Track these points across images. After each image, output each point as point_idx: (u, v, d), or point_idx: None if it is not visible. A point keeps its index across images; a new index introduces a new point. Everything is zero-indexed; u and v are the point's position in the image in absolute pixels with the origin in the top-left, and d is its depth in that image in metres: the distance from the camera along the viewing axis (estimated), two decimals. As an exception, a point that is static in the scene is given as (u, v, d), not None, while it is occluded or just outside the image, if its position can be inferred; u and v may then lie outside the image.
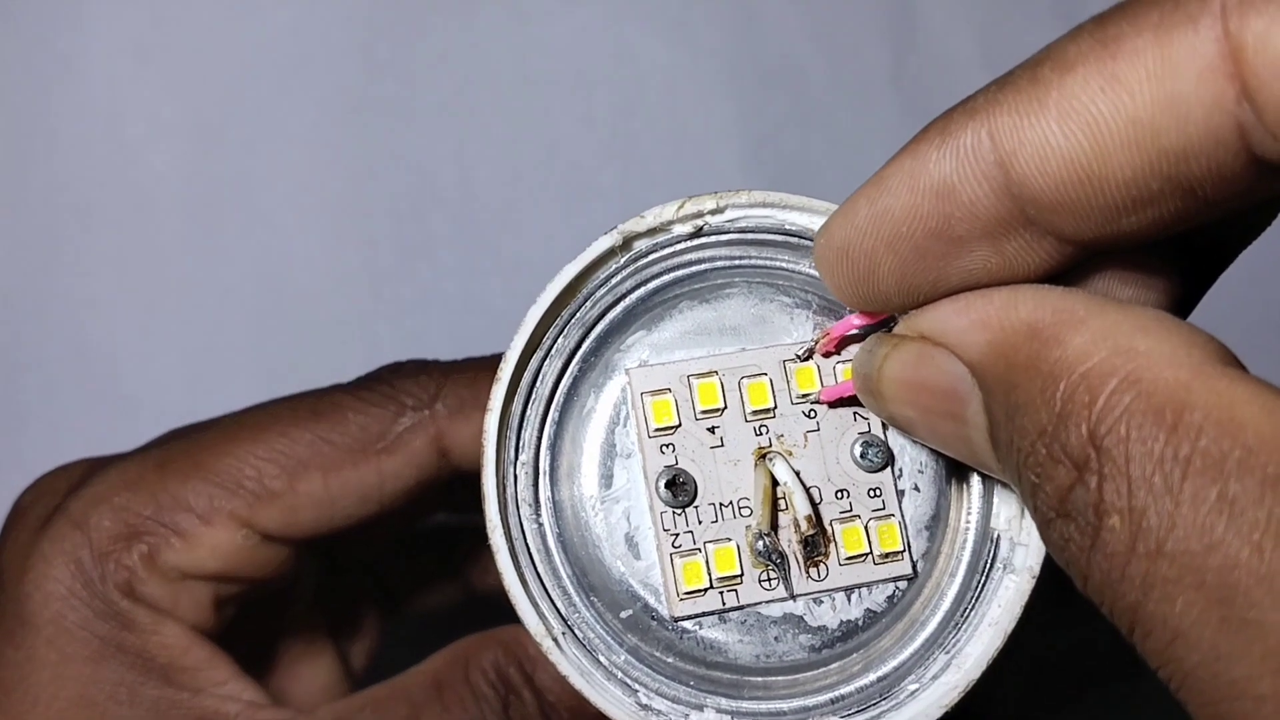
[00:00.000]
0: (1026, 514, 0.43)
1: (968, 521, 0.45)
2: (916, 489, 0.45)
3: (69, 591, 0.55)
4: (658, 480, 0.44)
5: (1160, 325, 0.32)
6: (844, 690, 0.44)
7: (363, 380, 0.60)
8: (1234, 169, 0.31)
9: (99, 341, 0.87)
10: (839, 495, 0.44)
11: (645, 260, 0.46)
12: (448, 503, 0.65)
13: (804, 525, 0.43)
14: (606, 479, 0.45)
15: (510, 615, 0.61)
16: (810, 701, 0.44)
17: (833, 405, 0.45)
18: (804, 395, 0.45)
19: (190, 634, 0.56)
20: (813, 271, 0.46)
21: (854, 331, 0.44)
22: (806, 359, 0.45)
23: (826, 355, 0.45)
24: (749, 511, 0.44)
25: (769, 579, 0.44)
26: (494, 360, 0.59)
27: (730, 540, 0.44)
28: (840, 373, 0.45)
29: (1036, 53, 0.34)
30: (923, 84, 0.94)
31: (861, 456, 0.45)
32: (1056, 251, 0.36)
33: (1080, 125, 0.32)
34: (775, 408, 0.45)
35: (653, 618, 0.44)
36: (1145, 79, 0.31)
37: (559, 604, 0.44)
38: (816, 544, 0.44)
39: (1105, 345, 0.32)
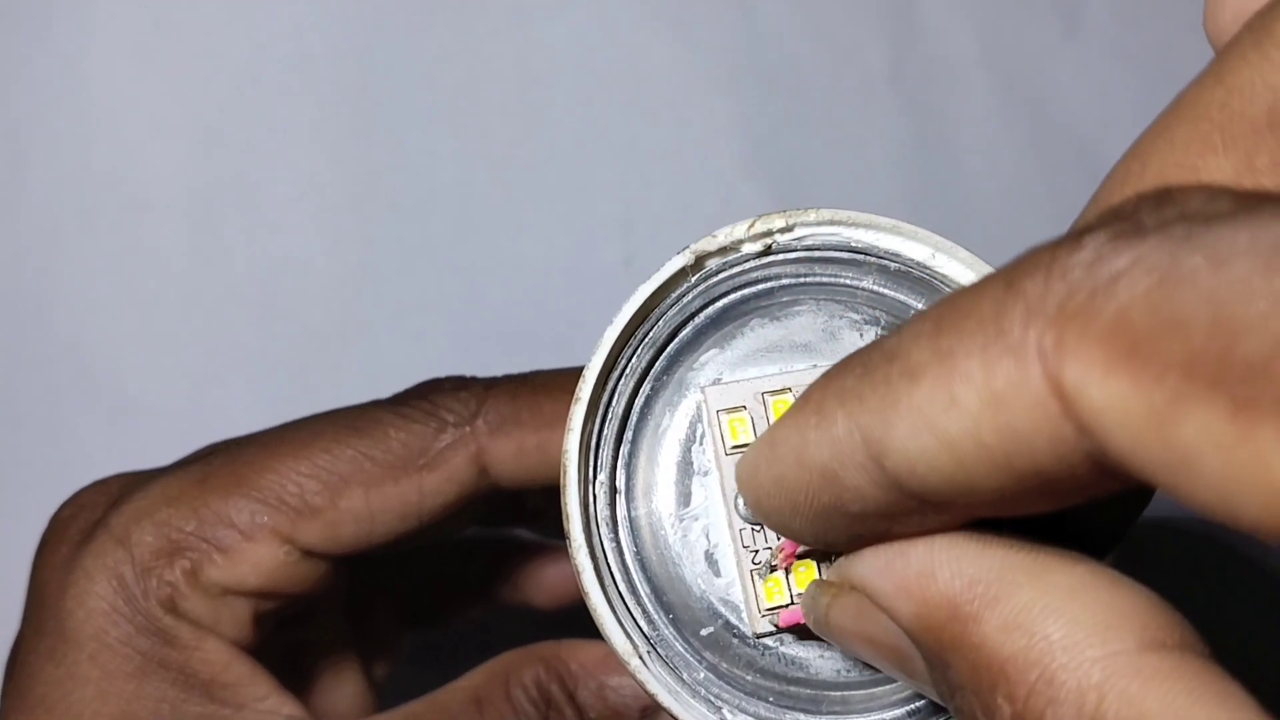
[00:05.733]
0: None
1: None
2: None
3: (111, 608, 0.55)
4: (736, 498, 0.44)
5: (1075, 602, 0.31)
6: (919, 703, 0.44)
7: (402, 396, 0.60)
8: (1097, 480, 0.29)
9: (99, 342, 0.86)
10: (913, 509, 0.45)
11: (715, 279, 0.47)
12: (477, 517, 0.66)
13: (880, 540, 0.44)
14: (684, 497, 0.45)
15: (542, 629, 0.62)
16: (887, 715, 0.44)
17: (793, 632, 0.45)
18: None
19: (231, 650, 0.56)
20: (875, 288, 0.47)
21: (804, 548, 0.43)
22: (770, 573, 0.44)
23: (787, 569, 0.44)
24: (827, 527, 0.44)
25: (848, 594, 0.44)
26: (532, 377, 0.60)
27: (809, 555, 0.44)
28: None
29: (889, 337, 0.33)
30: (923, 84, 0.94)
31: (934, 471, 0.45)
32: (956, 520, 0.35)
33: (934, 439, 0.30)
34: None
35: (734, 635, 0.45)
36: (982, 408, 0.29)
37: (640, 623, 0.44)
38: (893, 558, 0.44)
39: (1020, 635, 0.31)
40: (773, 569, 0.44)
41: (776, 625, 0.44)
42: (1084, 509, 0.35)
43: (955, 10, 0.95)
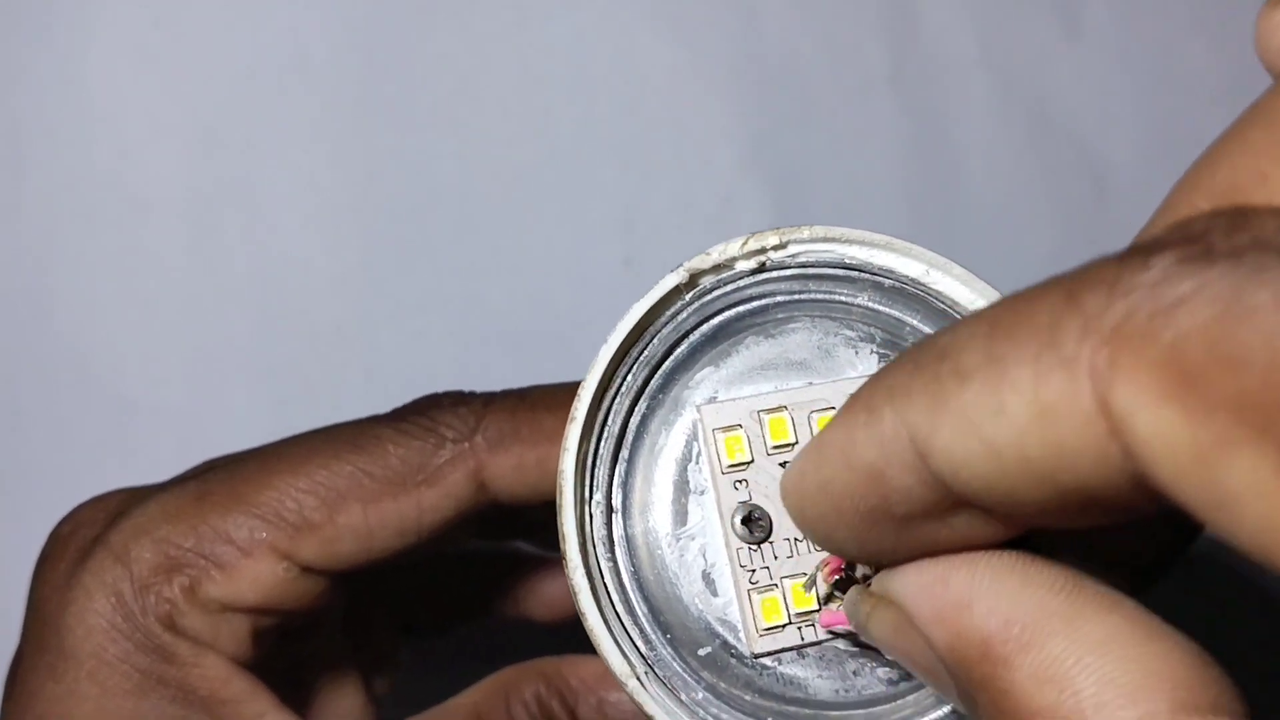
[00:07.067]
0: None
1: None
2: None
3: (110, 625, 0.55)
4: (733, 516, 0.44)
5: (1108, 656, 0.31)
6: None
7: (400, 412, 0.60)
8: (1141, 502, 0.29)
9: (99, 342, 0.86)
10: (910, 526, 0.45)
11: (709, 297, 0.47)
12: (477, 531, 0.65)
13: (877, 558, 0.44)
14: (681, 516, 0.45)
15: (541, 643, 0.62)
16: None
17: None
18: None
19: (230, 666, 0.56)
20: (871, 304, 0.47)
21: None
22: (810, 588, 0.44)
23: (837, 586, 0.44)
24: (824, 546, 0.44)
25: (846, 613, 0.44)
26: (532, 393, 0.60)
27: (806, 575, 0.44)
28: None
29: (942, 333, 0.32)
30: (923, 84, 0.94)
31: (930, 487, 0.45)
32: (1005, 525, 0.34)
33: (980, 444, 0.30)
34: (846, 441, 0.45)
35: (732, 655, 0.45)
36: (1030, 419, 0.29)
37: (638, 643, 0.44)
38: (890, 576, 0.44)
39: (1050, 689, 0.31)
40: (814, 585, 0.44)
41: (811, 631, 0.44)
42: (1133, 533, 0.35)
43: (955, 10, 0.95)
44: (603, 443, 0.46)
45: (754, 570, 0.44)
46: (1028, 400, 0.29)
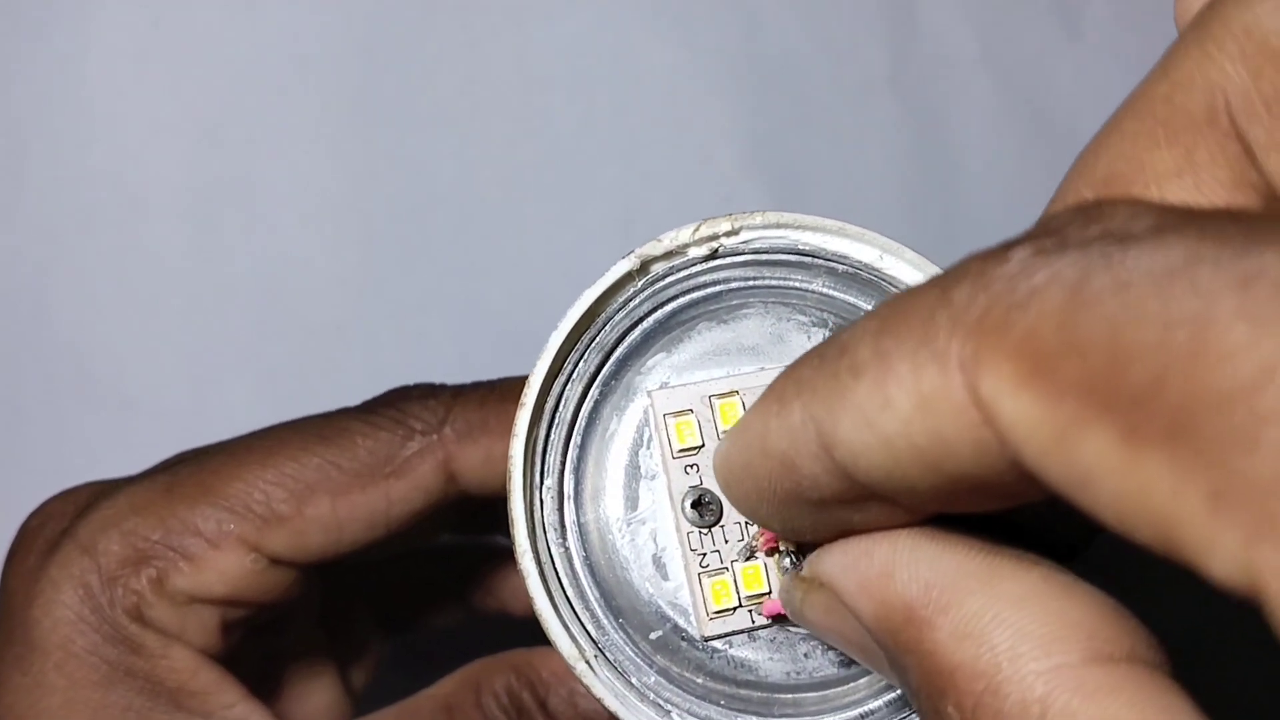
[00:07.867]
0: None
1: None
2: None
3: (77, 616, 0.55)
4: (683, 501, 0.44)
5: (1024, 611, 0.32)
6: (872, 705, 0.44)
7: (370, 404, 0.60)
8: (1026, 486, 0.29)
9: (99, 342, 0.87)
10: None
11: (662, 283, 0.47)
12: (452, 525, 0.65)
13: (828, 542, 0.44)
14: (632, 501, 0.45)
15: (518, 637, 0.62)
16: (839, 717, 0.44)
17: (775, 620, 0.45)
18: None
19: (198, 658, 0.56)
20: (826, 290, 0.48)
21: None
22: (749, 558, 0.45)
23: (769, 554, 0.44)
24: (773, 529, 0.44)
25: (796, 597, 0.44)
26: (500, 384, 0.60)
27: (757, 558, 0.44)
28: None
29: (845, 329, 0.33)
30: (923, 84, 0.94)
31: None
32: (910, 512, 0.35)
33: (874, 436, 0.31)
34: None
35: (683, 638, 0.45)
36: (913, 411, 0.29)
37: (589, 627, 0.44)
38: (841, 560, 0.44)
39: (969, 644, 0.32)
40: (752, 553, 0.44)
41: (760, 615, 0.44)
42: (1056, 509, 0.36)
43: (955, 10, 0.94)
44: (554, 429, 0.46)
45: (704, 554, 0.44)
46: (909, 393, 0.29)
